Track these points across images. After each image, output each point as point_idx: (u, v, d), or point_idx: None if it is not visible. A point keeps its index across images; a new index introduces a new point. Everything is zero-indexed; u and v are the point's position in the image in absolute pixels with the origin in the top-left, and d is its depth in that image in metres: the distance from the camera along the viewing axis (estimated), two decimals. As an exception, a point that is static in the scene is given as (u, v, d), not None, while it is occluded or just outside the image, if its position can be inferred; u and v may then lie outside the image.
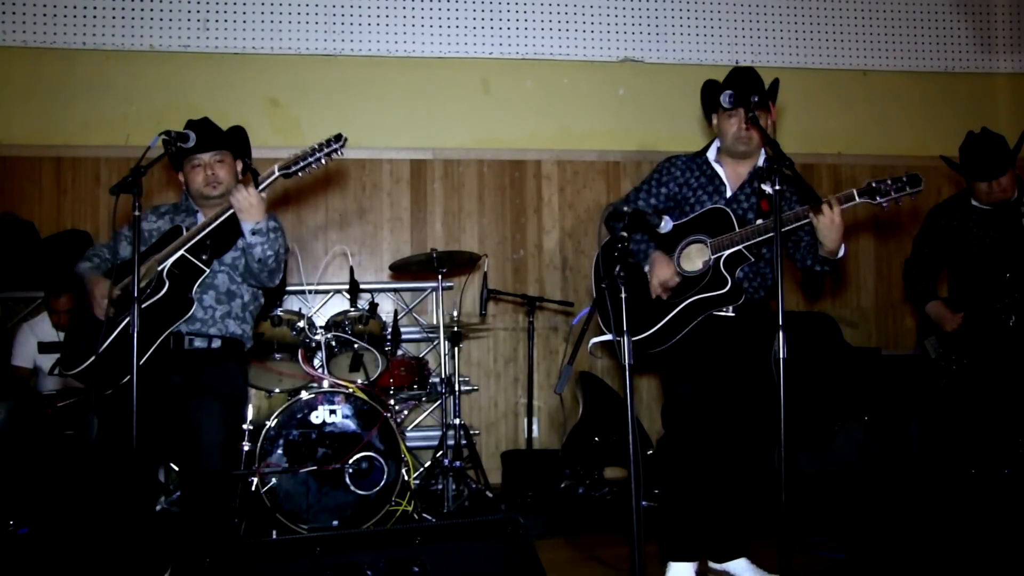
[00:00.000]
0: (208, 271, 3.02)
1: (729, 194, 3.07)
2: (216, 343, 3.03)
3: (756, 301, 3.07)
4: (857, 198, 2.84)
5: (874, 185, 2.82)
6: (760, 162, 3.08)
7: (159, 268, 2.92)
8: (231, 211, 2.91)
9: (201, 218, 3.10)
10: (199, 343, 3.01)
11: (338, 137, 2.89)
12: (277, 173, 2.90)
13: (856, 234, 5.69)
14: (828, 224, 2.79)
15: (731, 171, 3.09)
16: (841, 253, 2.92)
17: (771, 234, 2.86)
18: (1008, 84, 5.90)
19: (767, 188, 2.99)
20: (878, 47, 5.73)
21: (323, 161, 2.89)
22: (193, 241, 2.94)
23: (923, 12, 5.79)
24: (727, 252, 2.95)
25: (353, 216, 5.26)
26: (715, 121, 3.12)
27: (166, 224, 3.10)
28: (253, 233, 2.92)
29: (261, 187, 2.90)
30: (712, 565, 3.18)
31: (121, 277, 2.94)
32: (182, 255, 2.93)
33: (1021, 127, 4.01)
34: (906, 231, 5.43)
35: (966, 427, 3.92)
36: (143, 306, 2.77)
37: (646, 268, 3.06)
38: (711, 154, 3.14)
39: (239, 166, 3.17)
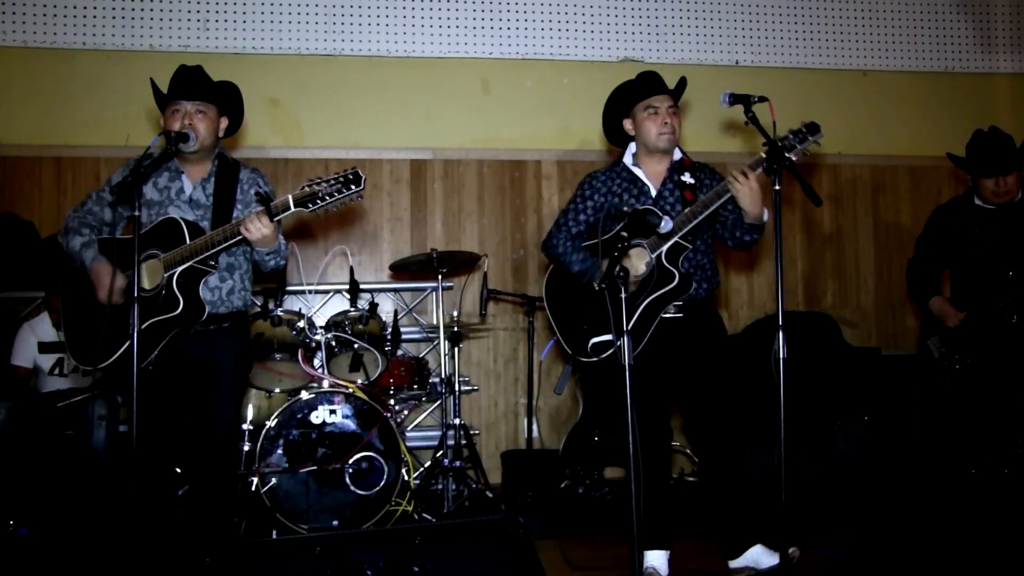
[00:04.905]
0: (215, 271, 3.01)
1: (654, 193, 3.20)
2: (226, 323, 3.06)
3: (701, 300, 3.18)
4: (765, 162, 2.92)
5: (780, 143, 2.86)
6: (676, 156, 3.23)
7: (166, 274, 2.87)
8: (240, 237, 2.85)
9: (186, 180, 3.03)
10: (211, 325, 3.03)
11: (357, 178, 2.80)
12: (293, 208, 2.82)
13: (856, 235, 5.69)
14: (747, 192, 2.95)
15: (650, 171, 3.23)
16: (765, 218, 3.08)
17: (700, 218, 3.04)
18: (1008, 84, 5.89)
19: (687, 178, 3.16)
20: (878, 47, 5.73)
21: (344, 202, 2.83)
22: (202, 256, 2.89)
23: (923, 12, 5.79)
24: (665, 247, 3.06)
25: (353, 216, 5.26)
26: (630, 124, 3.24)
27: (150, 190, 3.02)
28: (267, 255, 2.99)
29: (276, 218, 2.84)
30: (731, 564, 3.15)
31: (121, 257, 2.87)
32: (191, 265, 2.89)
33: (1021, 127, 4.01)
34: (907, 231, 5.44)
35: (967, 427, 3.92)
36: (153, 320, 2.84)
37: (596, 284, 3.04)
38: (627, 160, 3.27)
39: (224, 123, 3.10)
